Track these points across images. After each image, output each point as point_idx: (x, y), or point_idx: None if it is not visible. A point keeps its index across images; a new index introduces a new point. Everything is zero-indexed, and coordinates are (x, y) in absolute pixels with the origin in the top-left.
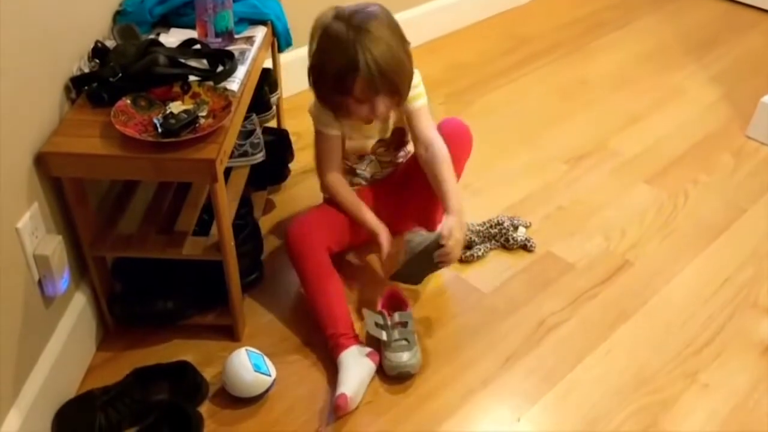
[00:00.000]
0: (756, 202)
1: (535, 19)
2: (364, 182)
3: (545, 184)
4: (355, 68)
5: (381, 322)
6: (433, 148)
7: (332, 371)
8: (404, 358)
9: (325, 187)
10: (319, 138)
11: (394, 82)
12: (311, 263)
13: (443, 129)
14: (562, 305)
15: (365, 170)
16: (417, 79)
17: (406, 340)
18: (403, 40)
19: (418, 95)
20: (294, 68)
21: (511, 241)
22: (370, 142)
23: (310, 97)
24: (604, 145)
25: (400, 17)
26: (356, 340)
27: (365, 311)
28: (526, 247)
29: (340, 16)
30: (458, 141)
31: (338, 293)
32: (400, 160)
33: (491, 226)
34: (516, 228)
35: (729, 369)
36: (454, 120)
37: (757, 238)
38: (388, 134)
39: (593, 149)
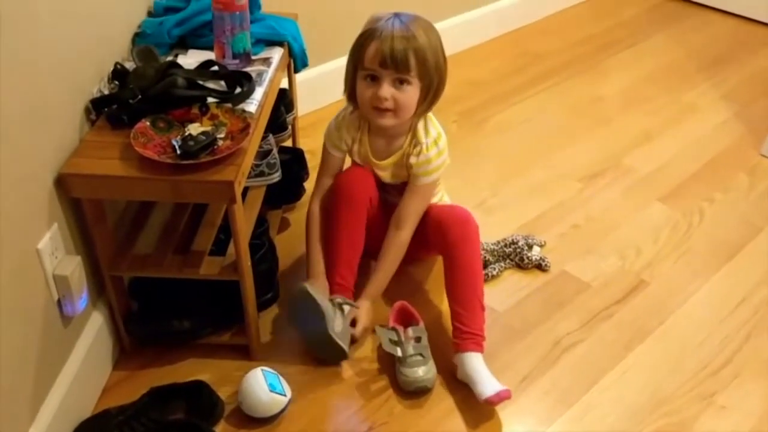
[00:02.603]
0: None
1: (548, 36)
2: None
3: (559, 202)
4: (376, 33)
5: (395, 338)
6: (399, 233)
7: (347, 392)
8: (420, 372)
9: (308, 211)
10: (322, 154)
11: (408, 65)
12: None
13: (447, 217)
14: (578, 325)
15: None
16: (433, 151)
17: (420, 355)
18: (438, 41)
19: (431, 171)
20: (308, 86)
21: (526, 261)
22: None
23: (324, 116)
24: (617, 163)
25: None
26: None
27: (378, 328)
28: (540, 266)
29: (393, 14)
30: (463, 229)
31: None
32: None
33: (506, 245)
34: (530, 247)
35: (746, 390)
36: (458, 209)
37: None
38: (396, 181)
39: (607, 167)
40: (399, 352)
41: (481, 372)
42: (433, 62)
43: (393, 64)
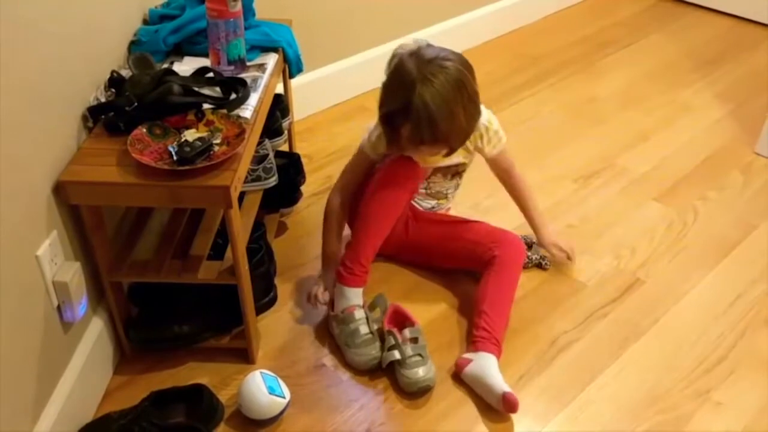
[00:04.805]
0: (766, 218)
1: (543, 38)
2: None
3: (555, 202)
4: (407, 112)
5: (392, 342)
6: (514, 175)
7: (346, 393)
8: (421, 373)
9: (327, 204)
10: (357, 152)
11: (439, 137)
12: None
13: (504, 238)
14: (574, 324)
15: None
16: (495, 125)
17: (419, 355)
18: (466, 99)
19: (502, 137)
20: (304, 92)
21: (526, 260)
22: (430, 168)
23: (320, 120)
24: (612, 163)
25: (408, 40)
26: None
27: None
28: (540, 265)
29: (417, 55)
30: (516, 253)
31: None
32: (449, 191)
33: None
34: (530, 247)
35: (742, 387)
36: (515, 235)
37: None
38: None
39: (602, 167)
40: (397, 355)
41: (498, 374)
42: (449, 124)
43: (427, 140)
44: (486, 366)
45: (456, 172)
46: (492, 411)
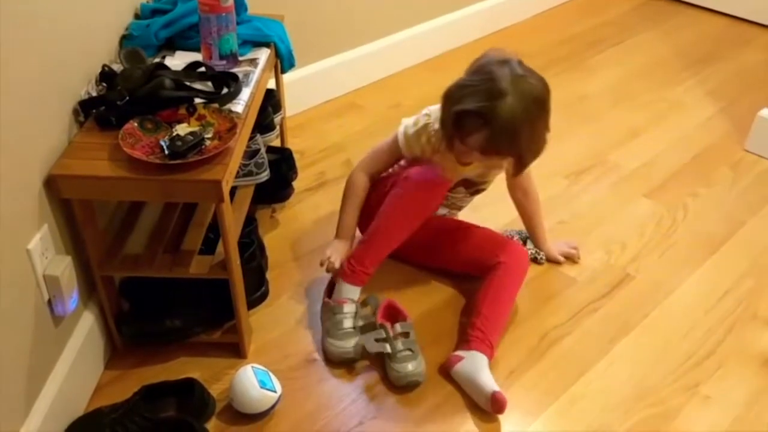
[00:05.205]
0: (755, 214)
1: (535, 35)
2: None
3: (546, 198)
4: (488, 119)
5: (383, 335)
6: (530, 196)
7: (337, 387)
8: (410, 367)
9: (349, 178)
10: (391, 140)
11: (514, 150)
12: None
13: (508, 245)
14: (565, 319)
15: None
16: None
17: (409, 350)
18: (545, 121)
19: None
20: (296, 88)
21: None
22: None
23: (313, 116)
24: (603, 160)
25: (400, 37)
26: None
27: (360, 336)
28: (536, 259)
29: (509, 66)
30: (520, 262)
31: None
32: (464, 203)
33: None
34: (525, 241)
35: (730, 381)
36: (520, 246)
37: (756, 251)
38: (477, 178)
39: (593, 164)
40: (388, 349)
41: (488, 374)
42: (540, 144)
43: (499, 156)
44: (477, 365)
45: (479, 189)
46: (481, 408)
